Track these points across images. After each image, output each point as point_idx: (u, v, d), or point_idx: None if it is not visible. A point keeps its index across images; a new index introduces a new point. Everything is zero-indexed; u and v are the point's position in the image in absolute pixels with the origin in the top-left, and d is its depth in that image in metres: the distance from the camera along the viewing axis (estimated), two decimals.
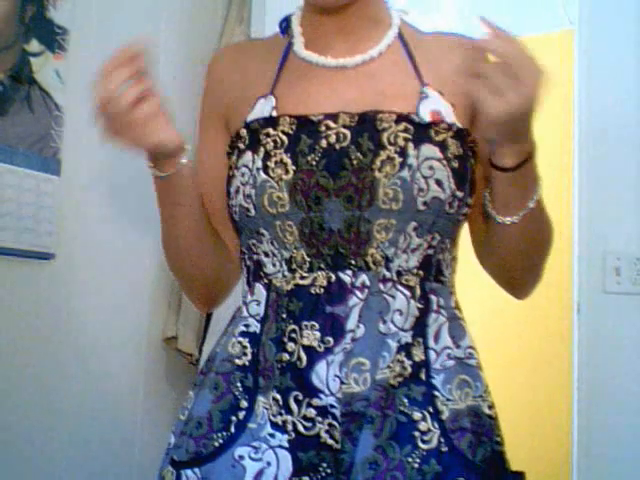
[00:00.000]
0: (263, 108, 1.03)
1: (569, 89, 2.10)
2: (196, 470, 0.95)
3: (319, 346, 0.93)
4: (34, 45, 1.74)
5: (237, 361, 0.98)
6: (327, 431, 0.91)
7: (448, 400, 0.93)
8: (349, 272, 0.94)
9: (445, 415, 0.92)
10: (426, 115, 0.97)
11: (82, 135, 1.88)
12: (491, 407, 0.98)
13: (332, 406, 0.91)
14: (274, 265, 0.98)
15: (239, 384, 0.97)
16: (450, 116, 0.99)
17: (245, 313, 1.00)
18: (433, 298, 0.97)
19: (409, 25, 1.10)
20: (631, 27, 1.93)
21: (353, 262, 0.94)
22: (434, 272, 0.97)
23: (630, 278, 1.88)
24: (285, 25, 1.10)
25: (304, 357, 0.93)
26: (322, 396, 0.92)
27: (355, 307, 0.93)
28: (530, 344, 3.00)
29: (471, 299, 1.06)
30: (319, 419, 0.91)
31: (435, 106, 0.99)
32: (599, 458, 1.85)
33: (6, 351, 1.69)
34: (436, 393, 0.93)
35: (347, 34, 1.05)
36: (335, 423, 0.91)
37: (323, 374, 0.92)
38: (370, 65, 1.04)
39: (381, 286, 0.94)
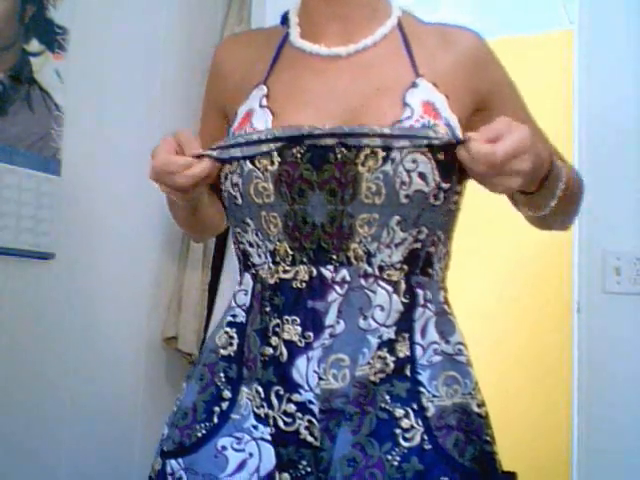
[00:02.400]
0: (254, 98, 1.03)
1: (569, 89, 2.10)
2: (180, 460, 0.96)
3: (300, 341, 0.93)
4: (34, 45, 1.74)
5: (222, 351, 0.99)
6: (307, 427, 0.91)
7: (434, 397, 0.92)
8: (330, 267, 0.93)
9: (430, 412, 0.91)
10: (416, 105, 0.96)
11: (82, 135, 1.88)
12: (480, 405, 0.95)
13: (311, 402, 0.91)
14: (259, 256, 0.99)
15: (222, 374, 0.98)
16: (444, 108, 0.98)
17: (233, 303, 1.02)
18: (419, 292, 0.95)
19: (411, 15, 1.08)
20: (631, 27, 1.93)
21: (335, 257, 0.94)
22: (421, 265, 0.95)
23: (630, 278, 1.88)
24: (284, 16, 1.11)
25: (285, 352, 0.93)
26: (302, 391, 0.92)
27: (334, 302, 0.93)
28: (530, 344, 3.00)
29: (471, 299, 1.05)
30: (299, 415, 0.91)
31: (428, 97, 0.97)
32: (599, 458, 1.85)
33: (6, 351, 1.69)
34: (421, 389, 0.92)
35: (343, 23, 1.04)
36: (314, 420, 0.91)
37: (303, 369, 0.92)
38: (364, 54, 1.03)
39: (362, 281, 0.93)
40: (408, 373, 0.92)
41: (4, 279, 1.70)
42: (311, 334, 0.93)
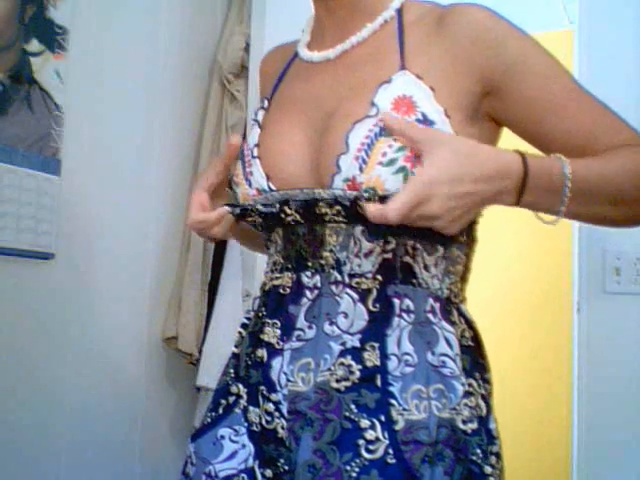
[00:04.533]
0: (257, 114, 1.07)
1: None
2: (193, 444, 1.02)
3: (277, 343, 0.95)
4: (34, 45, 1.74)
5: (235, 349, 1.04)
6: (282, 427, 0.93)
7: (404, 410, 0.88)
8: (308, 273, 0.95)
9: (399, 425, 0.87)
10: (386, 102, 0.91)
11: (82, 135, 1.88)
12: (467, 422, 0.89)
13: (280, 402, 0.93)
14: (267, 265, 1.03)
15: (232, 370, 1.02)
16: (426, 101, 0.91)
17: (250, 307, 1.05)
18: (396, 301, 0.92)
19: (422, 1, 1.02)
20: (631, 27, 1.93)
21: (310, 264, 0.95)
22: (401, 275, 0.92)
23: (630, 278, 1.88)
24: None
25: (265, 353, 0.96)
26: (277, 391, 0.94)
27: (304, 307, 0.94)
28: (530, 344, 3.00)
29: (471, 300, 1.04)
30: (276, 414, 0.93)
31: (404, 92, 0.91)
32: (599, 458, 1.85)
33: (6, 351, 1.69)
34: (392, 401, 0.88)
35: (340, 26, 1.02)
36: (283, 420, 0.92)
37: (277, 370, 0.94)
38: (351, 54, 1.00)
39: (333, 288, 0.93)
40: (379, 384, 0.89)
41: (4, 279, 1.70)
42: (286, 337, 0.95)
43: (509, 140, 0.99)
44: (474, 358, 0.95)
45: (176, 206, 2.19)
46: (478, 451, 0.89)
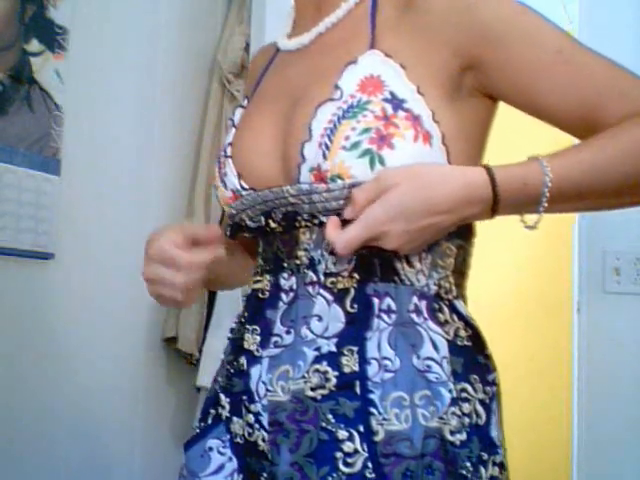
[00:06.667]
0: (237, 113, 1.03)
1: None
2: (185, 454, 0.97)
3: (257, 350, 0.89)
4: (34, 45, 1.74)
5: (222, 356, 0.98)
6: (263, 439, 0.87)
7: (385, 419, 0.81)
8: (285, 275, 0.89)
9: (380, 436, 0.81)
10: (351, 84, 0.85)
11: (82, 135, 1.88)
12: (455, 432, 0.82)
13: (259, 413, 0.87)
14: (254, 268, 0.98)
15: (220, 379, 0.97)
16: (396, 80, 0.85)
17: (241, 312, 1.00)
18: (375, 301, 0.85)
19: None
20: (631, 27, 1.93)
21: (286, 265, 0.89)
22: (381, 272, 0.85)
23: (630, 278, 1.88)
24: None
25: (245, 361, 0.91)
26: (256, 402, 0.88)
27: (279, 311, 0.89)
28: (530, 344, 3.00)
29: (471, 300, 1.03)
30: (256, 426, 0.87)
31: (372, 71, 0.86)
32: (599, 458, 1.85)
33: (5, 350, 1.69)
34: (372, 410, 0.81)
35: (316, 8, 0.97)
36: (263, 432, 0.87)
37: (255, 379, 0.89)
38: (326, 37, 0.95)
39: (310, 289, 0.87)
40: (358, 391, 0.82)
41: (4, 279, 1.70)
42: (265, 344, 0.89)
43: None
44: (471, 359, 0.88)
45: (176, 206, 2.19)
46: (468, 464, 0.82)
